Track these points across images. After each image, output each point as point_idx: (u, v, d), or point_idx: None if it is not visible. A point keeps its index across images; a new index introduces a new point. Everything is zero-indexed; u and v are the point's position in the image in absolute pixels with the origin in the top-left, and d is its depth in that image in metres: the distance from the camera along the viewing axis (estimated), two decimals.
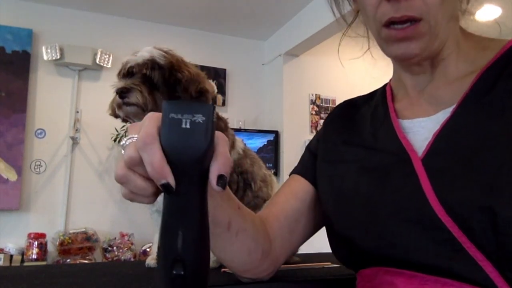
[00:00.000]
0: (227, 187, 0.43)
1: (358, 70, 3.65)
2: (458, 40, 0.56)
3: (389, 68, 0.64)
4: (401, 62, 0.58)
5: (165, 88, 0.96)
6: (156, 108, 0.96)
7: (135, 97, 0.94)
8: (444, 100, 0.53)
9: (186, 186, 0.34)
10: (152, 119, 0.35)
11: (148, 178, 0.35)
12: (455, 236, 0.43)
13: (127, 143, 0.36)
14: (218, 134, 0.36)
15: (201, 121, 0.33)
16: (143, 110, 0.95)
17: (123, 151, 0.36)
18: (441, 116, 0.52)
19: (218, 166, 0.35)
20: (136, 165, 0.35)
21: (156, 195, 0.37)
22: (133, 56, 0.98)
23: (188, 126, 0.33)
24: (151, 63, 0.95)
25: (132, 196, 0.37)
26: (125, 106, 0.96)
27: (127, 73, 0.98)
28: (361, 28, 0.64)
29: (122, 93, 0.94)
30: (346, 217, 0.55)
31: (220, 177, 0.35)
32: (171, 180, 0.33)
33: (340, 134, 0.65)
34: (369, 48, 0.68)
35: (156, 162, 0.33)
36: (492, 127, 0.46)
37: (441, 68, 0.56)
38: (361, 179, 0.55)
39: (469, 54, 0.55)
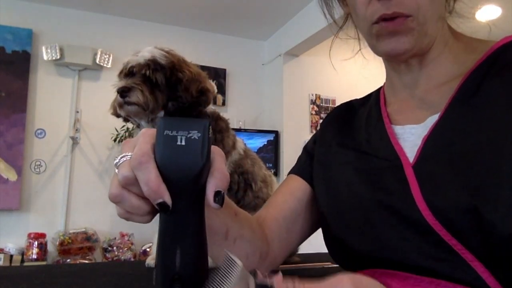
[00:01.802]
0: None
1: (358, 70, 3.65)
2: (447, 41, 0.56)
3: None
4: (391, 59, 0.59)
5: (166, 88, 0.96)
6: (157, 107, 0.96)
7: (136, 96, 0.94)
8: (434, 104, 0.54)
9: (183, 204, 0.33)
10: (146, 136, 0.34)
11: (143, 197, 0.34)
12: (445, 239, 0.44)
13: (120, 161, 0.35)
14: (214, 149, 0.36)
15: (197, 138, 0.33)
16: (144, 110, 0.95)
17: (116, 170, 0.35)
18: (430, 122, 0.52)
19: (215, 182, 0.34)
20: (131, 184, 0.34)
21: (152, 213, 0.36)
22: (134, 56, 0.98)
23: (183, 143, 0.33)
24: (153, 63, 0.96)
25: (128, 215, 0.36)
26: (126, 106, 0.96)
27: (128, 73, 0.99)
28: (352, 31, 0.66)
29: (123, 92, 0.95)
30: (341, 220, 0.56)
31: (217, 194, 0.34)
32: (167, 199, 0.33)
33: (336, 136, 0.65)
34: (360, 50, 0.69)
35: (152, 181, 0.32)
36: (478, 129, 0.46)
37: (429, 69, 0.56)
38: (355, 182, 0.55)
39: (458, 56, 0.56)
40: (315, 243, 0.88)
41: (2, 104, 3.03)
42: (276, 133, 3.68)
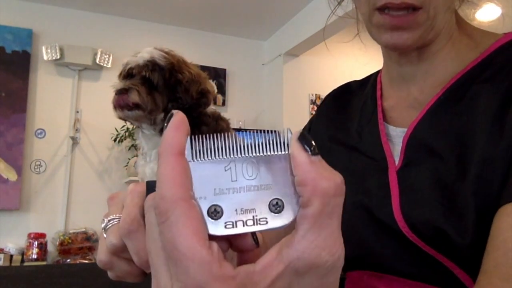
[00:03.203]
0: None
1: (359, 70, 3.65)
2: (452, 34, 0.52)
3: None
4: (391, 51, 0.55)
5: (166, 89, 0.97)
6: (156, 109, 0.96)
7: (133, 96, 0.94)
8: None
9: None
10: (135, 196, 0.31)
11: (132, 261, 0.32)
12: (424, 250, 0.44)
13: (108, 226, 0.33)
14: None
15: None
16: (143, 110, 0.96)
17: (104, 235, 0.33)
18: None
19: None
20: (120, 251, 0.32)
21: (145, 274, 0.34)
22: (133, 57, 0.99)
23: None
24: (151, 64, 0.96)
25: (120, 278, 0.34)
26: (126, 111, 0.96)
27: (127, 74, 0.99)
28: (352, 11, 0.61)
29: (121, 93, 0.95)
30: None
31: None
32: None
33: (329, 128, 0.64)
34: (358, 33, 0.64)
35: (143, 251, 0.29)
36: (457, 138, 0.45)
37: (429, 64, 0.53)
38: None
39: (459, 52, 0.52)
40: None
41: (2, 104, 3.03)
42: None
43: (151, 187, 0.30)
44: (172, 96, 0.97)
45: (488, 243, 0.39)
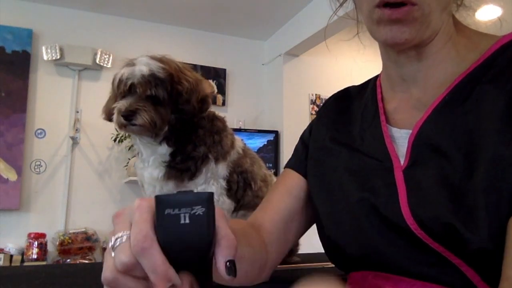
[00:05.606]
0: None
1: (358, 70, 3.64)
2: (451, 35, 0.53)
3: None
4: (389, 47, 0.55)
5: (170, 102, 0.94)
6: (163, 125, 0.93)
7: (142, 118, 0.90)
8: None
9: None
10: (143, 212, 0.31)
11: (139, 277, 0.31)
12: (432, 247, 0.44)
13: (117, 244, 0.32)
14: (217, 211, 0.33)
15: (201, 213, 0.31)
16: (150, 130, 0.93)
17: (113, 253, 0.32)
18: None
19: (224, 252, 0.32)
20: (131, 270, 0.31)
21: None
22: (128, 68, 0.95)
23: (187, 221, 0.31)
24: (153, 79, 0.92)
25: None
26: (130, 126, 0.93)
27: (127, 90, 0.95)
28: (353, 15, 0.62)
29: (128, 116, 0.91)
30: (333, 221, 0.56)
31: (228, 262, 0.32)
32: (177, 281, 0.30)
33: (330, 129, 0.64)
34: (358, 33, 0.66)
35: (159, 268, 0.30)
36: (464, 138, 0.46)
37: (429, 64, 0.53)
38: (345, 183, 0.55)
39: (459, 53, 0.53)
40: (315, 243, 0.88)
41: (2, 104, 3.03)
42: (276, 133, 3.68)
43: (161, 201, 0.31)
44: (174, 108, 0.94)
45: (507, 252, 0.39)
